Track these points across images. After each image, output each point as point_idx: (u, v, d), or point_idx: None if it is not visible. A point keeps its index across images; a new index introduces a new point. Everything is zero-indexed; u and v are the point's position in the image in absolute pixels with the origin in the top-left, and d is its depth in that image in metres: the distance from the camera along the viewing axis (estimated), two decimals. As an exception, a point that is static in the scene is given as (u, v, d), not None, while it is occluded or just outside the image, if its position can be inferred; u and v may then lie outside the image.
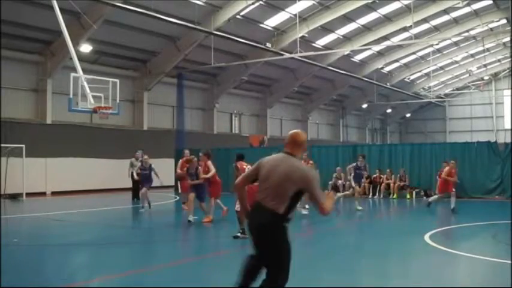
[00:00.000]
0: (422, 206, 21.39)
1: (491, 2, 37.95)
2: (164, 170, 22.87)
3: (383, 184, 25.97)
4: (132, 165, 23.18)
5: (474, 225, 14.83)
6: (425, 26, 39.92)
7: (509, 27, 41.66)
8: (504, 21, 41.85)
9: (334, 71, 40.35)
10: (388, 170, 26.11)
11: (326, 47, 38.69)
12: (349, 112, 55.82)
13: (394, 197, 25.33)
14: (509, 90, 60.49)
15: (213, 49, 31.47)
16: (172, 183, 27.95)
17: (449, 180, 18.35)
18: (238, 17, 31.05)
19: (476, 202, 23.09)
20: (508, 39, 48.63)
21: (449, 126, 64.18)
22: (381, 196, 25.56)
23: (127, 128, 33.19)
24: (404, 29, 39.31)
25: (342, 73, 41.32)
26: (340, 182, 25.84)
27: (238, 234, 12.03)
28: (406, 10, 36.12)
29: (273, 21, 33.79)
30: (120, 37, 29.74)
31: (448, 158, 22.81)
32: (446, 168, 18.62)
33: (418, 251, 11.30)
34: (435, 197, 19.42)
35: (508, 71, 60.07)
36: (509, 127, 57.47)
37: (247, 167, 11.56)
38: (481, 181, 24.40)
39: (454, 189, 18.36)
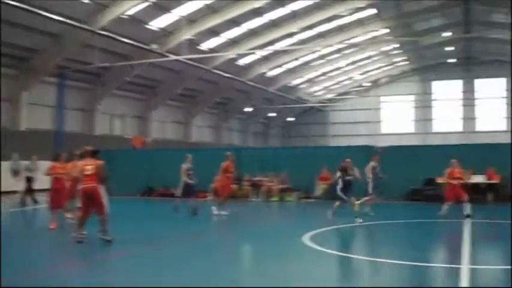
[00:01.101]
0: (303, 208, 23.25)
1: (375, 11, 40.93)
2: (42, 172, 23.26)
3: (265, 187, 27.10)
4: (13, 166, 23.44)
5: (353, 226, 16.14)
6: (310, 33, 42.58)
7: (391, 37, 45.24)
8: (386, 30, 45.32)
9: (219, 74, 41.89)
10: (270, 173, 27.34)
11: (212, 50, 40.11)
12: (233, 115, 57.55)
13: (276, 199, 26.79)
14: (395, 96, 65.52)
15: (98, 49, 31.92)
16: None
17: (453, 184, 17.23)
18: (124, 16, 31.56)
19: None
20: (388, 48, 52.71)
21: (332, 130, 67.67)
22: (263, 199, 26.60)
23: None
24: (290, 35, 41.63)
25: (227, 76, 43.02)
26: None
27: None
28: (293, 16, 38.50)
29: (159, 22, 34.67)
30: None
31: (326, 161, 25.04)
32: (447, 170, 17.51)
33: (295, 252, 11.80)
34: (445, 207, 17.35)
35: (387, 78, 64.82)
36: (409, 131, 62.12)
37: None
38: (360, 183, 26.35)
39: (465, 194, 17.06)
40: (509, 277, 9.04)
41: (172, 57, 35.08)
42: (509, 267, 9.70)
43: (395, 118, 66.51)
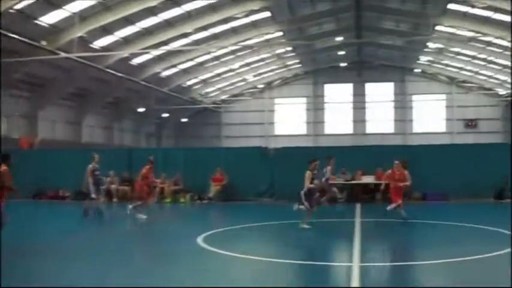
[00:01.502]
0: (196, 209, 23.64)
1: (269, 14, 41.88)
2: None
3: (157, 188, 26.91)
4: None
5: (246, 226, 16.77)
6: (204, 34, 43.00)
7: (285, 40, 46.41)
8: (280, 33, 46.43)
9: (111, 73, 41.47)
10: (163, 174, 27.23)
11: (105, 49, 39.67)
12: (126, 115, 56.98)
13: (168, 201, 27.08)
14: (283, 99, 67.02)
15: (-18, 44, 30.82)
16: None
17: (397, 186, 17.23)
18: (11, 11, 30.62)
19: (250, 204, 26.04)
20: (282, 51, 54.00)
21: (225, 131, 68.32)
22: (155, 200, 26.47)
23: None
24: (185, 35, 41.89)
25: (120, 76, 42.66)
26: (113, 186, 27.01)
27: None
28: (187, 17, 38.77)
29: (50, 18, 33.86)
30: None
31: (220, 163, 25.55)
32: (388, 172, 17.96)
33: (188, 253, 12.05)
34: (392, 205, 17.25)
35: (280, 81, 66.34)
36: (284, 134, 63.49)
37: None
38: (253, 184, 27.29)
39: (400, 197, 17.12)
40: (398, 274, 9.88)
41: (63, 54, 34.46)
42: (399, 263, 10.51)
43: (289, 120, 68.15)
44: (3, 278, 8.97)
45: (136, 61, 45.94)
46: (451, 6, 41.21)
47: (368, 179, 25.48)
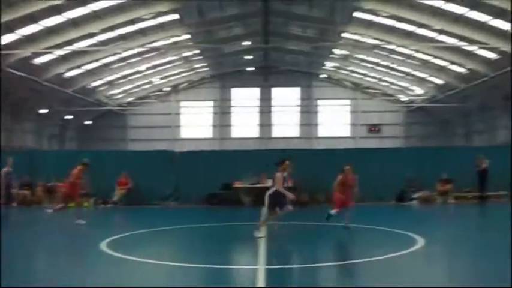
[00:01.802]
0: (100, 214, 23.26)
1: (178, 17, 41.85)
2: None
3: (59, 192, 25.17)
4: None
5: (152, 230, 16.49)
6: (111, 34, 42.38)
7: (192, 43, 46.50)
8: (187, 36, 46.46)
9: (12, 72, 40.18)
10: (65, 178, 26.50)
11: (5, 47, 38.33)
12: (27, 117, 55.22)
13: (71, 205, 26.24)
14: (189, 102, 67.00)
15: None
16: None
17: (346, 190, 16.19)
18: None
19: (155, 208, 25.87)
20: (189, 53, 54.02)
21: (131, 134, 67.47)
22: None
23: None
24: (90, 35, 41.16)
25: (21, 75, 41.36)
26: (14, 190, 26.14)
27: None
28: (93, 16, 38.10)
29: None
30: None
31: (125, 166, 25.31)
32: (339, 177, 16.50)
33: (90, 260, 11.82)
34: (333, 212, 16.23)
35: (187, 84, 66.27)
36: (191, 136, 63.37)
37: None
38: (158, 188, 27.12)
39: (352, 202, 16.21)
40: (304, 276, 10.12)
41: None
42: (305, 265, 10.79)
43: (195, 123, 68.16)
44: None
45: (39, 61, 44.65)
46: (357, 14, 42.62)
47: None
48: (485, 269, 10.29)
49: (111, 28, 40.82)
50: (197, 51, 54.48)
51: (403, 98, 66.94)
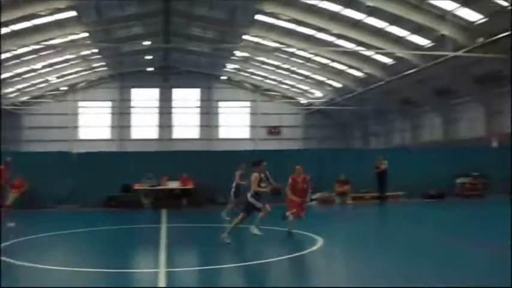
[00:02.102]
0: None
1: (75, 14, 40.74)
2: None
3: None
4: None
5: (44, 236, 15.84)
6: (4, 30, 40.55)
7: (90, 41, 45.45)
8: (85, 34, 45.35)
9: None
10: None
11: None
12: None
13: None
14: (87, 102, 65.50)
15: None
16: None
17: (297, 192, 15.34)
18: None
19: (52, 212, 24.91)
20: (87, 52, 52.80)
21: (26, 135, 65.05)
22: None
23: None
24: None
25: None
26: None
27: None
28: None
29: None
30: None
31: (22, 168, 24.25)
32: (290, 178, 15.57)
33: None
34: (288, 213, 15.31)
35: (85, 83, 64.73)
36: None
37: None
38: (54, 190, 26.08)
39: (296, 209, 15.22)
40: (204, 278, 10.09)
41: None
42: (206, 267, 10.77)
43: (93, 124, 66.64)
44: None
45: None
46: (258, 17, 43.04)
47: (174, 184, 25.75)
48: (382, 267, 10.63)
49: (5, 24, 39.12)
50: (95, 50, 53.23)
51: (303, 100, 68.22)
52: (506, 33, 30.12)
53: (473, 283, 8.98)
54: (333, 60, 51.09)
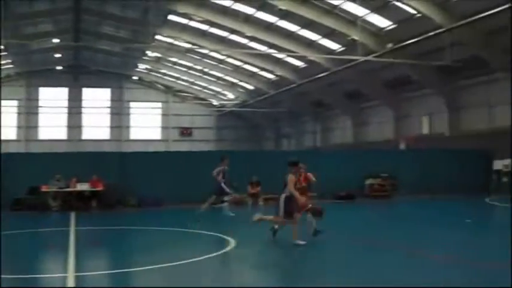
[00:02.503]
0: None
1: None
2: None
3: None
4: None
5: None
6: None
7: None
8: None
9: None
10: None
11: None
12: None
13: None
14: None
15: None
16: None
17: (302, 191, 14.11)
18: None
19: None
20: None
21: None
22: None
23: None
24: None
25: None
26: None
27: None
28: None
29: None
30: None
31: None
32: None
33: None
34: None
35: None
36: None
37: None
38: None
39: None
40: (115, 281, 9.82)
41: None
42: (116, 271, 10.54)
43: (-2, 124, 64.23)
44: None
45: None
46: (171, 17, 42.78)
47: (83, 186, 25.14)
48: (286, 267, 10.76)
49: None
50: (1, 47, 51.33)
51: (215, 102, 68.24)
52: (414, 40, 31.20)
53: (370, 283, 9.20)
54: (246, 63, 51.40)
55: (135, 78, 66.27)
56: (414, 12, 31.94)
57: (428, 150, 29.67)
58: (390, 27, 35.31)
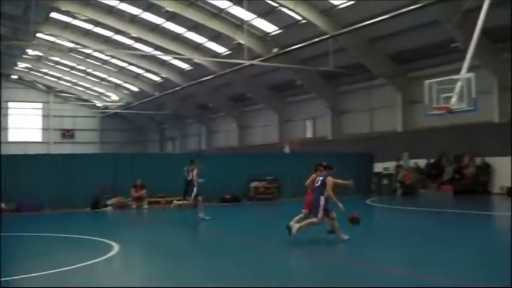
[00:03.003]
0: None
1: None
2: None
3: None
4: None
5: None
6: None
7: None
8: None
9: None
10: None
11: None
12: None
13: None
14: None
15: None
16: None
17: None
18: None
19: None
20: None
21: None
22: None
23: None
24: None
25: None
26: None
27: None
28: None
29: None
30: None
31: None
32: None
33: None
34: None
35: None
36: None
37: None
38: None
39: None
40: None
41: None
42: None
43: None
44: None
45: None
46: (54, 15, 41.26)
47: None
48: (172, 269, 10.61)
49: None
50: None
51: (99, 103, 66.70)
52: (299, 45, 31.79)
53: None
54: (131, 64, 50.64)
55: (14, 77, 63.38)
56: (299, 18, 32.50)
57: (311, 154, 30.23)
58: (276, 32, 35.77)
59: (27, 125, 65.70)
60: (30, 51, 52.96)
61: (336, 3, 30.64)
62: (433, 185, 29.91)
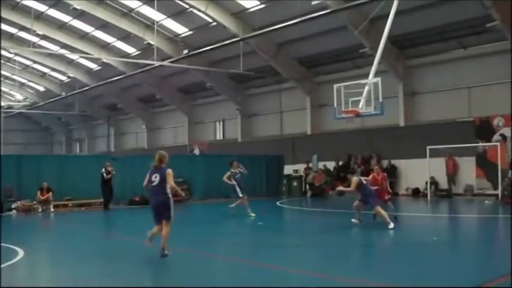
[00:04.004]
0: None
1: None
2: None
3: None
4: None
5: None
6: None
7: None
8: None
9: None
10: None
11: None
12: None
13: None
14: None
15: None
16: None
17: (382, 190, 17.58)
18: None
19: None
20: None
21: None
22: None
23: None
24: None
25: None
26: None
27: None
28: None
29: None
30: None
31: None
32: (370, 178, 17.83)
33: None
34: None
35: None
36: None
37: None
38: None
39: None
40: None
41: None
42: None
43: None
44: None
45: None
46: None
47: None
48: (85, 271, 10.23)
49: None
50: None
51: (2, 103, 64.10)
52: (210, 47, 31.62)
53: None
54: (36, 62, 49.00)
55: None
56: (210, 20, 32.33)
57: (221, 156, 30.09)
58: (187, 34, 35.47)
59: None
60: None
61: (247, 6, 30.72)
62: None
